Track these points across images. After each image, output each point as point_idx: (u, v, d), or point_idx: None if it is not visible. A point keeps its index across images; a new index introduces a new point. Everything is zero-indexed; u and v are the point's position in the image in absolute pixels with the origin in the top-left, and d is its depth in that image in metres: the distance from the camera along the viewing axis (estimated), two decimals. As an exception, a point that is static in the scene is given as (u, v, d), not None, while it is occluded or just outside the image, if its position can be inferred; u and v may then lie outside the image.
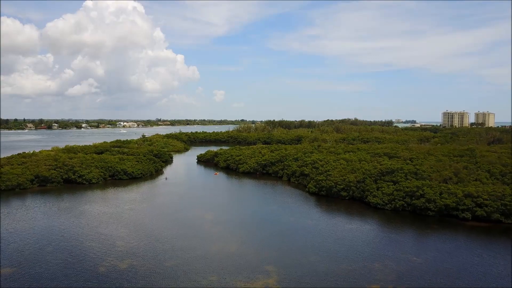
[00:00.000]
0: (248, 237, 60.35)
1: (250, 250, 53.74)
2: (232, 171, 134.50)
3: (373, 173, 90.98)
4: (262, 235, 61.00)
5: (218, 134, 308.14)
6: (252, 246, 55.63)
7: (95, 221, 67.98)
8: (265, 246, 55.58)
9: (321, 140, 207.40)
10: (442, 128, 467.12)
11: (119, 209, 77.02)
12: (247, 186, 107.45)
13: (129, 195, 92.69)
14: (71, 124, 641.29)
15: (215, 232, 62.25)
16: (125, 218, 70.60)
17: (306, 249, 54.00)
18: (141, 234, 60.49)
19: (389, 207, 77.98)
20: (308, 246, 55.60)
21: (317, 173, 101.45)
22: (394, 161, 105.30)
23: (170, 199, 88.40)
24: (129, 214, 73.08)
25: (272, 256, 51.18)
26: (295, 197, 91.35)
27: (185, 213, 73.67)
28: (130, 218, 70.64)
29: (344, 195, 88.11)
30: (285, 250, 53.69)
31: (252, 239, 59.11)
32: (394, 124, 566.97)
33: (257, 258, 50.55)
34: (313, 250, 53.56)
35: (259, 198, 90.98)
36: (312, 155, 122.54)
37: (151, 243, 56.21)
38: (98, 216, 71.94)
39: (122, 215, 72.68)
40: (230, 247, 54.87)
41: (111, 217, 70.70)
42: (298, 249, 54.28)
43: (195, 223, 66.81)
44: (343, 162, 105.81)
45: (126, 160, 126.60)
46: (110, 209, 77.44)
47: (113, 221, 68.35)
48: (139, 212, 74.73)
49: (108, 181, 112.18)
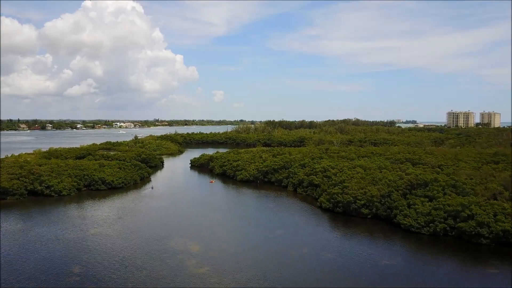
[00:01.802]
0: (246, 284, 43.46)
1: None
2: (229, 179, 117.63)
3: (400, 185, 74.23)
4: (265, 283, 44.09)
5: (216, 135, 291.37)
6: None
7: (39, 253, 51.11)
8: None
9: (327, 142, 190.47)
10: (447, 128, 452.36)
11: (81, 235, 60.09)
12: (246, 200, 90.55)
13: (101, 212, 75.79)
14: (65, 125, 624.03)
15: (199, 276, 45.31)
16: (84, 248, 53.72)
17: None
18: (95, 279, 43.63)
19: (427, 230, 61.15)
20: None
21: (330, 184, 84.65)
22: (420, 169, 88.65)
23: (150, 218, 71.48)
24: (90, 244, 56.13)
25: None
26: (305, 215, 74.55)
27: (164, 243, 56.57)
28: (90, 248, 53.75)
29: (366, 213, 71.35)
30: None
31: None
32: (396, 125, 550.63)
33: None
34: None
35: (261, 217, 74.11)
36: (322, 161, 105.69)
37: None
38: (45, 244, 55.05)
39: (81, 243, 55.81)
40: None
41: (65, 248, 53.78)
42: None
43: (174, 261, 49.68)
44: (360, 170, 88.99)
45: (107, 166, 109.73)
46: (69, 234, 60.52)
47: (63, 255, 51.42)
48: (104, 241, 57.71)
49: (83, 192, 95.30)
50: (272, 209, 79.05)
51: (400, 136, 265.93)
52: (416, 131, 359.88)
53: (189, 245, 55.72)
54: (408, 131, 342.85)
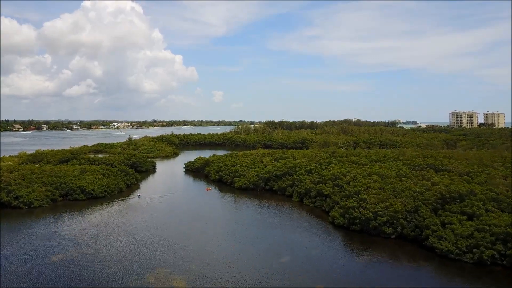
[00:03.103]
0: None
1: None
2: (226, 186, 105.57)
3: (429, 198, 62.27)
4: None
5: (214, 136, 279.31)
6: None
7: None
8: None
9: (332, 144, 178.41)
10: (451, 128, 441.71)
11: (37, 263, 47.98)
12: (245, 213, 78.45)
13: (72, 229, 63.60)
14: (62, 125, 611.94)
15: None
16: (37, 284, 41.69)
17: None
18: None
19: (470, 258, 49.17)
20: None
21: (343, 195, 72.69)
22: (445, 176, 76.87)
23: (130, 239, 59.32)
24: (44, 277, 44.06)
25: None
26: (314, 234, 62.52)
27: (141, 278, 44.40)
28: (44, 284, 41.73)
29: (389, 232, 59.34)
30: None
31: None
32: (398, 125, 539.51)
33: None
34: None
35: (263, 237, 62.06)
36: (331, 166, 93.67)
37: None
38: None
39: (33, 277, 43.73)
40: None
41: (11, 285, 41.77)
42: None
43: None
44: (377, 178, 77.01)
45: (89, 172, 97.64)
46: (22, 262, 48.33)
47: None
48: (65, 272, 45.60)
49: (58, 204, 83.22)
50: (276, 226, 67.00)
51: (406, 137, 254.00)
52: (419, 131, 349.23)
53: (172, 279, 43.67)
54: (412, 131, 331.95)
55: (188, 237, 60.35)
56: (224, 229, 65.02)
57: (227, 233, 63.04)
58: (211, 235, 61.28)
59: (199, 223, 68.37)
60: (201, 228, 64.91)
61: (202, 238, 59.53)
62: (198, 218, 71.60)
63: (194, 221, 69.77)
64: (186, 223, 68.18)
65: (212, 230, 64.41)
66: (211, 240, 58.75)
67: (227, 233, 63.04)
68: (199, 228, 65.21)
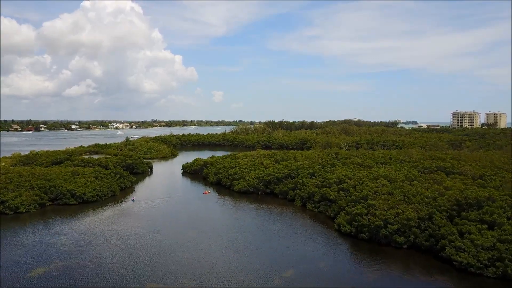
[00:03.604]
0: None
1: None
2: (225, 189, 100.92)
3: (443, 205, 57.64)
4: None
5: (213, 137, 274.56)
6: None
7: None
8: None
9: (334, 144, 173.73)
10: (452, 129, 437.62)
11: (15, 279, 43.39)
12: (245, 218, 73.69)
13: (56, 238, 58.87)
14: (60, 125, 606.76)
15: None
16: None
17: None
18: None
19: (493, 272, 44.55)
20: None
21: (349, 200, 68.06)
22: (457, 180, 72.30)
23: (117, 251, 54.66)
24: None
25: None
26: (319, 243, 57.87)
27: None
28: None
29: (400, 242, 54.71)
30: None
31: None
32: (398, 125, 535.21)
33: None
34: None
35: (263, 247, 57.44)
36: (335, 169, 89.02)
37: None
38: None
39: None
40: None
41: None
42: None
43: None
44: (385, 182, 72.38)
45: (81, 175, 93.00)
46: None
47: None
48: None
49: (47, 209, 78.60)
50: (277, 234, 62.35)
51: (409, 137, 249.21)
52: (421, 132, 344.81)
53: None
54: (415, 132, 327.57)
55: (183, 247, 55.68)
56: (222, 238, 60.29)
57: (225, 243, 58.31)
58: (207, 246, 56.56)
59: (195, 231, 63.68)
60: (197, 238, 60.23)
61: (198, 249, 54.85)
62: (195, 226, 66.94)
63: (190, 229, 65.08)
64: (181, 231, 63.48)
65: (209, 239, 59.70)
66: (208, 252, 54.05)
67: (226, 243, 58.31)
68: (195, 237, 60.53)
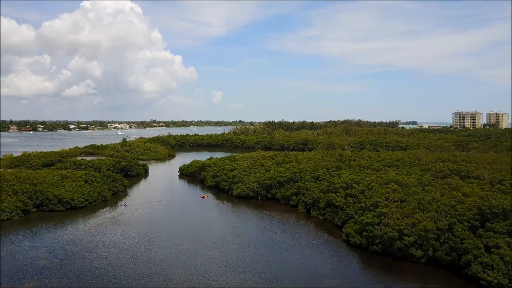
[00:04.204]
0: None
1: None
2: (224, 193, 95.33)
3: (464, 214, 52.11)
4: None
5: (212, 137, 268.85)
6: None
7: None
8: None
9: (336, 145, 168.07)
10: (454, 129, 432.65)
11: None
12: (244, 227, 67.98)
13: (34, 252, 53.22)
14: (58, 126, 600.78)
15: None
16: None
17: None
18: None
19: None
20: None
21: (358, 207, 62.49)
22: (473, 185, 66.82)
23: (102, 265, 49.02)
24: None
25: None
26: (327, 256, 52.26)
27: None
28: None
29: (418, 256, 49.13)
30: None
31: None
32: (399, 125, 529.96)
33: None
34: None
35: (265, 261, 51.91)
36: (341, 172, 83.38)
37: None
38: None
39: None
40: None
41: None
42: None
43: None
44: (396, 187, 66.80)
45: (70, 179, 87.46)
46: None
47: None
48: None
49: (32, 216, 73.00)
50: (280, 245, 56.73)
51: (412, 138, 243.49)
52: (423, 132, 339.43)
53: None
54: (417, 132, 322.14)
55: (176, 262, 50.07)
56: (219, 251, 54.64)
57: (222, 256, 52.68)
58: (202, 260, 50.90)
59: (189, 242, 58.02)
60: (192, 250, 54.59)
61: (191, 264, 49.22)
62: (189, 235, 61.31)
63: (184, 239, 59.43)
64: (174, 243, 57.79)
65: (204, 252, 54.06)
66: (202, 268, 48.38)
67: (222, 256, 52.68)
68: (189, 250, 54.87)
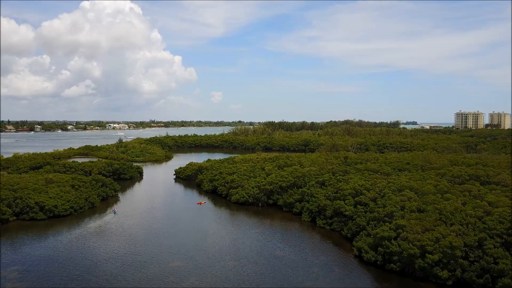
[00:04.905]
0: None
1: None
2: (222, 198, 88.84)
3: (494, 227, 45.61)
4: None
5: (211, 138, 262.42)
6: None
7: None
8: None
9: (340, 146, 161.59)
10: (456, 129, 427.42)
11: None
12: (243, 238, 61.30)
13: (4, 269, 46.78)
14: (56, 126, 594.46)
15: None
16: None
17: None
18: None
19: None
20: None
21: (371, 217, 55.97)
22: (497, 192, 60.37)
23: (80, 286, 42.52)
24: None
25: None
26: (337, 277, 45.66)
27: None
28: None
29: (444, 277, 42.58)
30: None
31: None
32: (400, 126, 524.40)
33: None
34: None
35: (266, 281, 45.35)
36: (348, 177, 76.84)
37: None
38: None
39: None
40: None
41: None
42: None
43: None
44: (411, 194, 60.27)
45: (55, 184, 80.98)
46: None
47: None
48: None
49: (10, 225, 66.45)
50: (283, 262, 50.15)
51: (416, 139, 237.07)
52: (426, 132, 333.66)
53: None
54: (420, 133, 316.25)
55: (164, 284, 43.44)
56: (214, 269, 48.01)
57: (217, 277, 46.02)
58: (195, 282, 44.24)
59: (181, 258, 51.41)
60: (184, 268, 47.95)
61: (181, 287, 42.63)
62: (182, 250, 54.68)
63: (175, 255, 52.78)
64: (164, 259, 51.13)
65: (197, 271, 47.41)
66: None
67: (218, 277, 46.03)
68: (180, 268, 48.25)
